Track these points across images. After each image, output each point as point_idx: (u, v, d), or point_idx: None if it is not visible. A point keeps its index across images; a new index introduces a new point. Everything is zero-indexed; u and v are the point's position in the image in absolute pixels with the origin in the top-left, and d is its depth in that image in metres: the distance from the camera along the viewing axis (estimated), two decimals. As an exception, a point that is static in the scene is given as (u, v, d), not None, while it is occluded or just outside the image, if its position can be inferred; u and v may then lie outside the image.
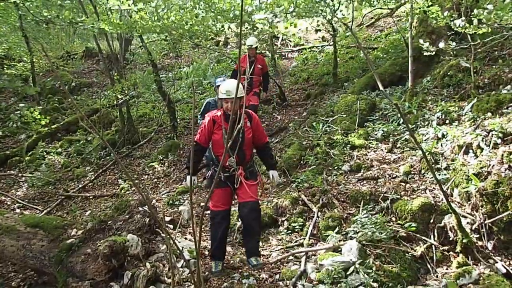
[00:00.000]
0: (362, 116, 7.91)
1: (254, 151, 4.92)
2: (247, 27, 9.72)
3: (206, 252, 5.11)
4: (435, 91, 7.74)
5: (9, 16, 9.85)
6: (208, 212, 5.11)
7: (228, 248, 5.23)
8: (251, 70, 8.77)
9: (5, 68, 14.37)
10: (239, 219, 5.09)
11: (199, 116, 7.21)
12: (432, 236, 4.77)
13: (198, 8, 7.85)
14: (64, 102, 14.13)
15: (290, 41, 16.46)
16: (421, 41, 6.00)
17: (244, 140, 4.56)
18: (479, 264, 4.31)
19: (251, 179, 4.64)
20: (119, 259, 4.37)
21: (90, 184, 8.84)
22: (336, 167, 6.55)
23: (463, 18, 5.64)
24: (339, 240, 4.84)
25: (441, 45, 5.52)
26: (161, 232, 5.06)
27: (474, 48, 6.87)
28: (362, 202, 5.49)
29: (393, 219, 5.10)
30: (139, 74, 14.67)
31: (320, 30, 16.17)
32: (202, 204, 6.66)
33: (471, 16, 5.17)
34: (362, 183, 6.02)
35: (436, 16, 6.49)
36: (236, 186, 4.59)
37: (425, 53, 5.97)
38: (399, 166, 6.13)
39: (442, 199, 4.96)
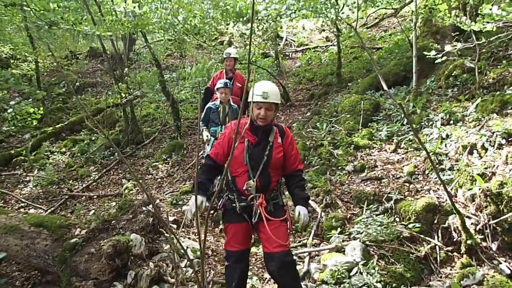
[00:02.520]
0: (366, 116, 7.89)
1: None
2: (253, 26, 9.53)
3: (210, 252, 5.11)
4: (440, 91, 7.72)
5: (14, 16, 9.89)
6: (212, 211, 5.05)
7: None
8: None
9: (10, 69, 14.41)
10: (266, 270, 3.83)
11: (200, 124, 6.40)
12: (436, 237, 4.75)
13: (204, 4, 7.85)
14: (68, 102, 14.19)
15: (293, 41, 16.47)
16: (425, 49, 5.99)
17: (270, 160, 3.50)
18: (483, 265, 4.30)
19: (276, 215, 3.51)
20: (123, 259, 4.38)
21: (94, 183, 8.86)
22: (339, 167, 6.54)
23: (468, 17, 5.62)
24: (343, 241, 4.84)
25: (447, 48, 5.50)
26: (164, 231, 5.07)
27: (479, 48, 6.85)
28: (365, 203, 5.48)
29: (397, 219, 5.08)
30: (143, 73, 14.70)
31: (324, 30, 16.16)
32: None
33: (477, 15, 5.16)
34: (365, 183, 6.01)
35: (443, 15, 6.47)
36: (254, 220, 3.48)
37: (432, 57, 5.95)
38: (403, 166, 6.12)
39: (446, 200, 4.95)
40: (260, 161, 3.49)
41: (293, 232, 5.31)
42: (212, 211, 3.73)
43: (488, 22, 5.08)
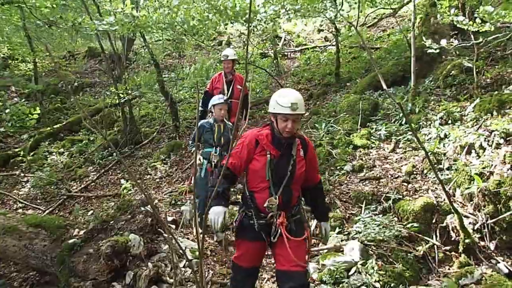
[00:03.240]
0: (365, 116, 7.90)
1: None
2: (251, 26, 9.37)
3: (209, 252, 5.11)
4: (438, 91, 7.73)
5: (12, 16, 9.87)
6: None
7: (230, 248, 5.23)
8: (229, 92, 6.89)
9: (8, 69, 14.41)
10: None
11: (189, 143, 5.97)
12: (434, 236, 4.76)
13: (202, 5, 7.81)
14: (66, 102, 14.16)
15: (292, 41, 16.47)
16: (424, 38, 6.00)
17: (294, 175, 3.26)
18: (481, 264, 4.31)
19: (297, 233, 3.27)
20: (121, 259, 4.37)
21: (92, 184, 8.85)
22: (338, 167, 6.55)
23: (467, 17, 5.64)
24: (341, 240, 4.84)
25: (443, 42, 5.49)
26: (163, 232, 5.06)
27: (477, 48, 6.86)
28: (364, 202, 5.49)
29: (395, 219, 5.09)
30: (142, 74, 14.71)
31: (322, 30, 16.17)
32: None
33: (475, 16, 5.17)
34: (364, 183, 6.01)
35: (443, 12, 6.48)
36: (274, 240, 3.25)
37: (429, 51, 5.95)
38: (402, 166, 6.13)
39: (444, 199, 4.96)
40: (283, 177, 3.23)
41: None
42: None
43: (486, 22, 5.08)
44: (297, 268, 3.14)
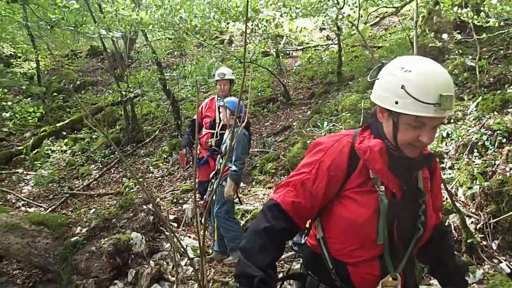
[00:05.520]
0: (367, 115, 7.87)
1: None
2: (252, 25, 9.33)
3: (210, 251, 5.11)
4: (440, 90, 7.71)
5: (14, 14, 9.90)
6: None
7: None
8: (221, 122, 5.42)
9: (11, 67, 14.44)
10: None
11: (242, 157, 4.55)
12: (436, 236, 4.75)
13: (203, 3, 7.82)
14: (68, 100, 14.20)
15: (293, 39, 16.45)
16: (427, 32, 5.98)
17: (425, 231, 1.69)
18: (483, 264, 4.29)
19: None
20: (123, 257, 4.39)
21: (94, 182, 8.87)
22: (340, 166, 6.53)
23: (470, 10, 5.63)
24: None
25: (445, 36, 5.48)
26: (165, 230, 5.07)
27: (479, 47, 6.84)
28: (366, 201, 5.46)
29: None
30: (143, 72, 14.72)
31: (324, 29, 16.14)
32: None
33: (479, 14, 5.16)
34: (366, 182, 5.98)
35: (447, 10, 6.46)
36: None
37: (432, 45, 5.94)
38: (404, 165, 6.11)
39: (446, 199, 4.94)
40: (410, 236, 1.68)
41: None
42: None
43: (490, 17, 5.07)
44: None
